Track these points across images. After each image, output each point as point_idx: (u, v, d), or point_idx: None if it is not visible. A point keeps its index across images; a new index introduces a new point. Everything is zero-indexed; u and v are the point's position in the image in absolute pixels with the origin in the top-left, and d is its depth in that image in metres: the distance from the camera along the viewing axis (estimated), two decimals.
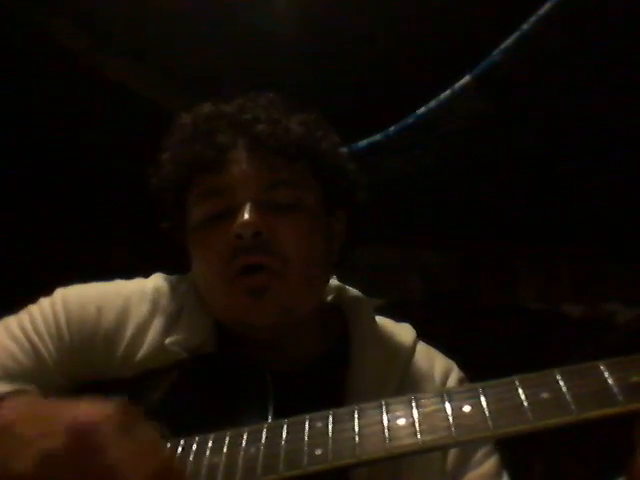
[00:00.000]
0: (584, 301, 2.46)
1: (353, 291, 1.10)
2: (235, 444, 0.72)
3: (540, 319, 2.50)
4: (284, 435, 0.71)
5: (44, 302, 0.98)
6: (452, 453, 0.94)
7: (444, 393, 0.69)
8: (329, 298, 1.09)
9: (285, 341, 0.97)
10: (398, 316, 1.10)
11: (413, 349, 1.03)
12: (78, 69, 2.34)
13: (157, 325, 0.96)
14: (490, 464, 0.95)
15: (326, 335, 1.03)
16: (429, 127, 1.96)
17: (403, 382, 0.98)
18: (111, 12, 2.24)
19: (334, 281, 1.10)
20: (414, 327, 1.08)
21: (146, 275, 1.06)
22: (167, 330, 0.95)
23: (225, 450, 0.72)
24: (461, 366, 1.06)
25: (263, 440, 0.71)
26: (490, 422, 0.64)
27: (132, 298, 0.98)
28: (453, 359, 1.07)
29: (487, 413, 0.65)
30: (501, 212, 2.33)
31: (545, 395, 0.64)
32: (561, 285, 2.53)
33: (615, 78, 1.84)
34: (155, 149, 1.02)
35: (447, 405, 0.67)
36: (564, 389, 0.64)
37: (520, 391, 0.66)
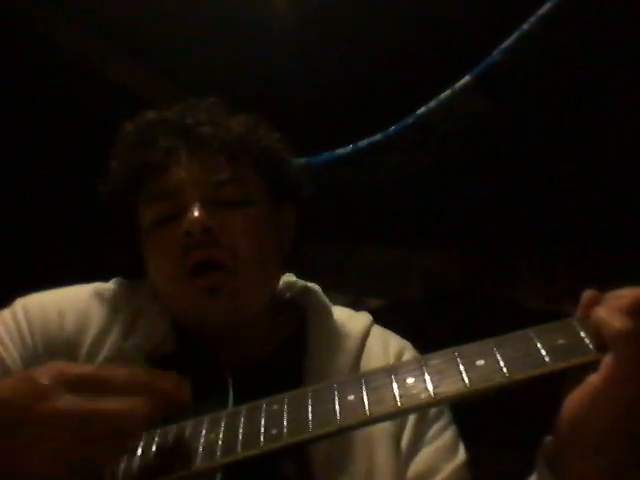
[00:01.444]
0: None
1: (306, 283, 1.13)
2: (196, 432, 0.75)
3: (540, 319, 2.49)
4: (242, 420, 0.74)
5: (4, 313, 0.99)
6: (406, 432, 0.97)
7: (390, 369, 0.73)
8: (288, 295, 1.11)
9: (242, 336, 0.99)
10: (398, 316, 1.11)
11: (366, 334, 1.06)
12: (78, 69, 2.34)
13: (116, 329, 0.97)
14: (445, 438, 0.98)
15: (283, 329, 1.05)
16: (429, 127, 1.96)
17: (357, 366, 1.00)
18: (111, 12, 2.24)
19: (291, 277, 1.12)
20: (414, 327, 1.10)
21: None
22: (126, 333, 0.97)
23: (186, 438, 0.75)
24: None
25: (222, 426, 0.74)
26: (431, 389, 0.69)
27: (92, 302, 1.00)
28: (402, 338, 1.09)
29: (429, 383, 0.69)
30: (501, 212, 2.33)
31: (480, 362, 0.69)
32: (561, 285, 2.53)
33: (615, 78, 1.84)
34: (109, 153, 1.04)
35: (393, 378, 0.71)
36: (498, 356, 0.69)
37: (459, 360, 0.70)
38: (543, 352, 0.68)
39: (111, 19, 2.27)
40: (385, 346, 1.05)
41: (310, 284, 1.12)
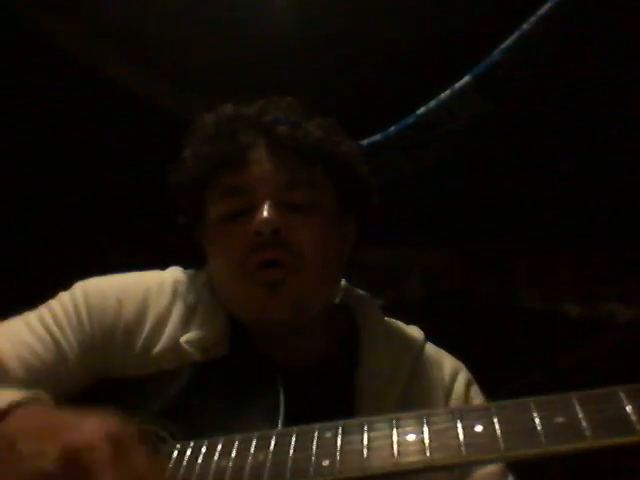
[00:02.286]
0: (584, 301, 2.46)
1: (360, 292, 1.12)
2: (244, 449, 0.72)
3: (540, 319, 2.50)
4: (292, 443, 0.71)
5: (64, 295, 1.00)
6: None
7: (456, 411, 0.69)
8: (337, 299, 1.10)
9: (296, 338, 0.99)
10: (398, 316, 1.11)
11: (421, 349, 1.05)
12: (78, 69, 2.34)
13: (175, 318, 0.97)
14: (498, 466, 0.95)
15: (335, 334, 1.04)
16: (429, 127, 1.96)
17: (412, 381, 0.99)
18: (111, 12, 2.24)
19: (343, 282, 1.12)
20: (414, 327, 1.09)
21: None
22: (184, 324, 0.97)
23: (233, 455, 0.72)
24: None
25: (272, 447, 0.71)
26: (502, 444, 0.63)
27: (151, 290, 1.00)
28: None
29: (499, 434, 0.64)
30: (501, 212, 2.33)
31: (560, 419, 0.63)
32: (561, 285, 2.53)
33: (615, 78, 1.84)
34: (155, 149, 1.03)
35: (458, 423, 0.67)
36: (580, 414, 0.63)
37: (535, 414, 0.65)
38: (633, 417, 0.62)
39: (111, 19, 2.27)
40: (440, 364, 1.04)
41: (363, 292, 1.12)
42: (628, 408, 0.63)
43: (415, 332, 1.08)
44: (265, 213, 0.93)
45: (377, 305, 1.10)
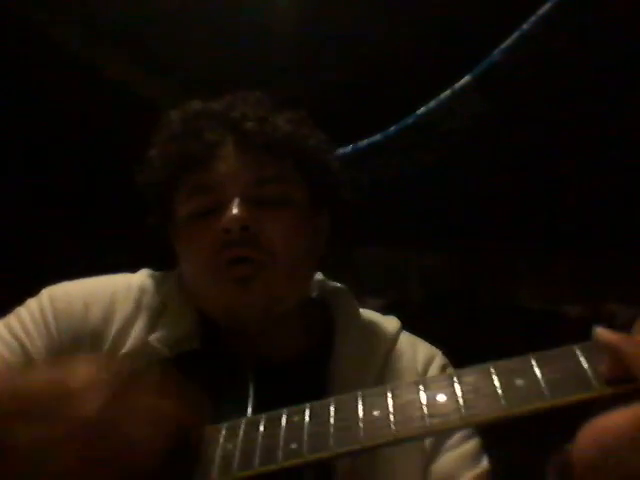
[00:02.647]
0: (584, 301, 2.46)
1: (336, 285, 1.11)
2: (212, 441, 0.72)
3: (540, 319, 2.50)
4: (261, 430, 0.71)
5: (31, 302, 0.99)
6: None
7: (420, 383, 0.69)
8: (314, 294, 1.10)
9: (270, 334, 0.98)
10: (398, 316, 1.11)
11: (395, 339, 1.04)
12: (78, 69, 2.34)
13: (141, 321, 0.96)
14: (468, 446, 0.96)
15: (311, 329, 1.04)
16: (429, 127, 1.96)
17: (384, 371, 0.99)
18: (111, 12, 2.24)
19: (318, 276, 1.11)
20: (414, 327, 1.09)
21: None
22: (151, 326, 0.96)
23: (203, 446, 0.72)
24: (461, 366, 1.06)
25: (240, 436, 0.71)
26: (463, 411, 0.65)
27: (118, 294, 0.99)
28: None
29: (461, 402, 0.65)
30: (501, 212, 2.33)
31: (520, 382, 0.65)
32: (561, 285, 2.53)
33: (615, 78, 1.84)
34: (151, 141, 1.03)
35: (422, 394, 0.67)
36: (539, 375, 0.65)
37: (495, 378, 0.66)
38: (590, 374, 0.63)
39: (111, 19, 2.27)
40: (414, 352, 1.03)
41: (339, 285, 1.11)
42: (585, 365, 0.64)
43: (390, 322, 1.07)
44: (234, 210, 0.92)
45: (352, 297, 1.09)
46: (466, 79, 1.84)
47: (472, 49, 1.83)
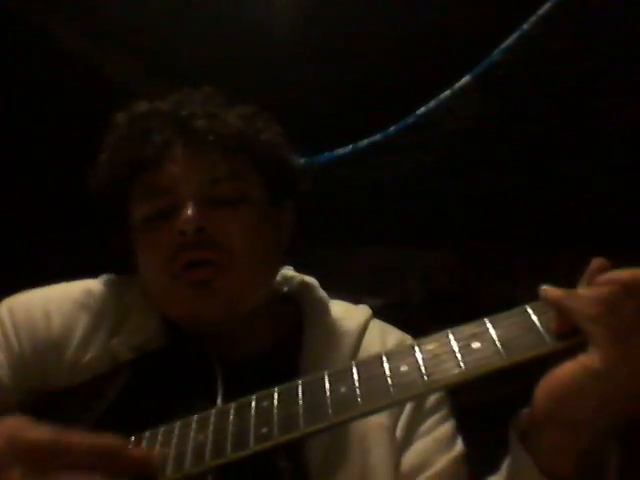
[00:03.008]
0: None
1: (305, 278, 1.10)
2: (184, 434, 0.72)
3: None
4: (231, 418, 0.71)
5: None
6: (400, 424, 0.95)
7: (382, 355, 0.70)
8: (285, 289, 1.09)
9: (237, 333, 0.97)
10: (398, 316, 1.11)
11: (364, 328, 1.03)
12: (78, 69, 2.34)
13: (104, 327, 0.95)
14: (442, 430, 0.96)
15: (281, 324, 1.03)
16: (429, 127, 1.96)
17: (354, 359, 0.98)
18: (111, 11, 2.24)
19: (289, 271, 1.10)
20: (414, 327, 1.08)
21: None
22: (114, 331, 0.95)
23: (175, 441, 0.72)
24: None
25: (211, 426, 0.72)
26: (425, 378, 0.66)
27: (79, 301, 0.97)
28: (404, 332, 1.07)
29: (423, 370, 0.67)
30: (501, 212, 2.33)
31: (477, 344, 0.67)
32: (561, 285, 2.53)
33: (615, 78, 1.84)
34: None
35: (386, 367, 0.69)
36: (494, 336, 0.67)
37: (454, 343, 0.68)
38: (542, 330, 0.66)
39: (111, 18, 2.27)
40: (383, 340, 1.03)
41: (308, 278, 1.09)
42: (537, 323, 0.66)
43: (360, 312, 1.06)
44: (188, 212, 0.89)
45: (320, 290, 1.07)
46: (466, 79, 1.84)
47: (472, 49, 1.83)
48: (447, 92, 1.88)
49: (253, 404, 0.72)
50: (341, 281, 1.11)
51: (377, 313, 1.09)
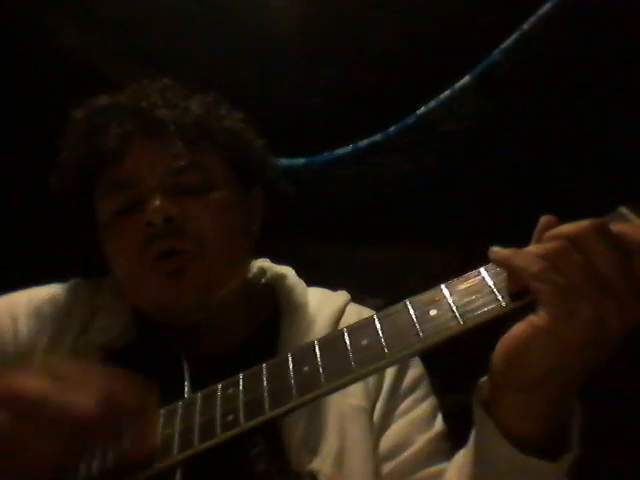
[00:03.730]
0: None
1: (281, 268, 1.09)
2: None
3: None
4: (198, 408, 0.71)
5: None
6: (378, 407, 0.94)
7: (344, 331, 0.70)
8: (262, 280, 1.07)
9: (211, 325, 0.96)
10: None
11: (339, 313, 1.02)
12: (77, 68, 2.34)
13: (71, 329, 0.94)
14: (419, 410, 0.95)
15: (257, 315, 1.02)
16: (429, 127, 1.96)
17: None
18: (111, 11, 2.24)
19: (266, 263, 1.09)
20: None
21: None
22: (81, 332, 0.94)
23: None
24: (461, 367, 1.06)
25: (178, 418, 0.71)
26: (386, 350, 0.66)
27: (45, 305, 0.97)
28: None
29: (383, 342, 0.67)
30: (501, 212, 2.32)
31: (434, 312, 0.67)
32: None
33: (616, 78, 1.84)
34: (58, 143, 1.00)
35: (347, 342, 0.68)
36: (450, 302, 0.67)
37: (412, 312, 0.68)
38: (497, 293, 0.66)
39: (111, 18, 2.27)
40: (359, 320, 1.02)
41: (284, 268, 1.08)
42: (491, 284, 0.67)
43: (338, 297, 1.06)
44: (155, 202, 0.88)
45: (297, 279, 1.06)
46: (466, 79, 1.84)
47: (472, 49, 1.83)
48: (447, 92, 1.88)
49: (219, 393, 0.71)
50: (341, 281, 1.11)
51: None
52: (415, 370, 0.99)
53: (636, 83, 1.83)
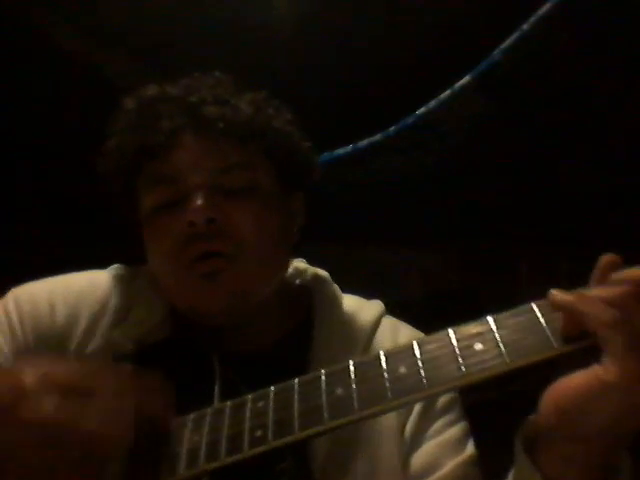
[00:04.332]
0: None
1: (318, 271, 1.07)
2: (180, 434, 0.70)
3: None
4: (226, 419, 0.69)
5: None
6: (409, 425, 0.93)
7: (381, 356, 0.67)
8: (297, 281, 1.06)
9: (245, 325, 0.94)
10: (398, 316, 1.10)
11: (376, 324, 1.00)
12: (78, 69, 2.34)
13: (107, 319, 0.94)
14: (451, 432, 0.93)
15: (291, 317, 1.01)
16: (429, 127, 1.96)
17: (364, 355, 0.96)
18: (111, 12, 2.24)
19: (302, 264, 1.08)
20: (414, 327, 1.07)
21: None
22: (117, 323, 0.93)
23: (171, 439, 0.70)
24: None
25: (206, 426, 0.70)
26: (425, 382, 0.63)
27: (84, 293, 0.96)
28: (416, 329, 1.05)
29: (422, 373, 0.64)
30: (501, 212, 2.33)
31: (479, 346, 0.63)
32: (561, 285, 2.53)
33: (615, 78, 1.84)
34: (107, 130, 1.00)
35: (384, 368, 0.65)
36: (497, 338, 0.63)
37: (455, 344, 0.64)
38: (549, 333, 0.61)
39: (111, 19, 2.27)
40: (395, 337, 1.00)
41: (321, 271, 1.07)
42: (543, 323, 0.62)
43: (373, 306, 1.04)
44: (198, 201, 0.86)
45: (333, 284, 1.04)
46: (466, 79, 1.84)
47: (472, 49, 1.83)
48: (447, 92, 1.88)
49: (249, 405, 0.69)
50: (342, 281, 1.11)
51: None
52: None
53: (636, 83, 1.83)
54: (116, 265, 1.03)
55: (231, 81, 0.98)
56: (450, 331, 0.66)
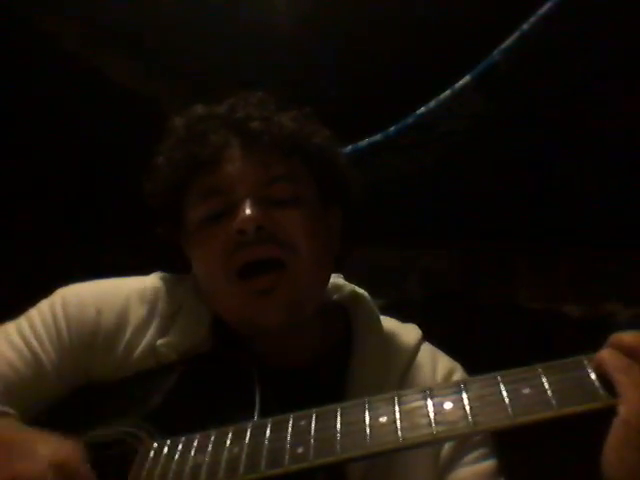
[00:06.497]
0: (584, 301, 2.46)
1: (356, 288, 1.09)
2: (220, 443, 0.72)
3: (540, 319, 2.49)
4: (267, 434, 0.71)
5: (43, 305, 0.98)
6: (445, 451, 0.94)
7: (427, 390, 0.69)
8: (335, 297, 1.08)
9: (288, 338, 0.96)
10: (398, 316, 1.10)
11: (416, 350, 1.02)
12: (78, 69, 2.34)
13: (154, 326, 0.96)
14: (485, 466, 0.95)
15: (329, 333, 1.02)
16: (429, 127, 1.96)
17: (403, 382, 0.97)
18: (112, 12, 2.24)
19: (340, 280, 1.09)
20: (414, 327, 1.08)
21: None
22: (163, 331, 0.95)
23: (209, 449, 0.72)
24: (461, 366, 1.06)
25: (247, 439, 0.71)
26: (470, 419, 0.64)
27: (131, 298, 0.98)
28: (453, 359, 1.06)
29: (468, 410, 0.65)
30: (501, 212, 2.33)
31: (527, 391, 0.65)
32: (561, 285, 2.53)
33: (615, 78, 1.84)
34: (155, 149, 1.02)
35: (429, 402, 0.67)
36: (545, 384, 0.65)
37: (502, 387, 0.66)
38: (597, 384, 0.64)
39: (111, 19, 2.27)
40: (434, 365, 1.02)
41: (359, 289, 1.09)
42: (592, 376, 0.64)
43: (411, 332, 1.05)
44: (247, 210, 0.90)
45: (373, 303, 1.07)
46: (466, 79, 1.84)
47: (472, 49, 1.83)
48: (447, 92, 1.88)
49: (291, 422, 0.71)
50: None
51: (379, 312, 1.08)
52: None
53: (636, 83, 1.83)
54: (159, 272, 1.05)
55: (273, 99, 1.02)
56: (497, 375, 0.68)
